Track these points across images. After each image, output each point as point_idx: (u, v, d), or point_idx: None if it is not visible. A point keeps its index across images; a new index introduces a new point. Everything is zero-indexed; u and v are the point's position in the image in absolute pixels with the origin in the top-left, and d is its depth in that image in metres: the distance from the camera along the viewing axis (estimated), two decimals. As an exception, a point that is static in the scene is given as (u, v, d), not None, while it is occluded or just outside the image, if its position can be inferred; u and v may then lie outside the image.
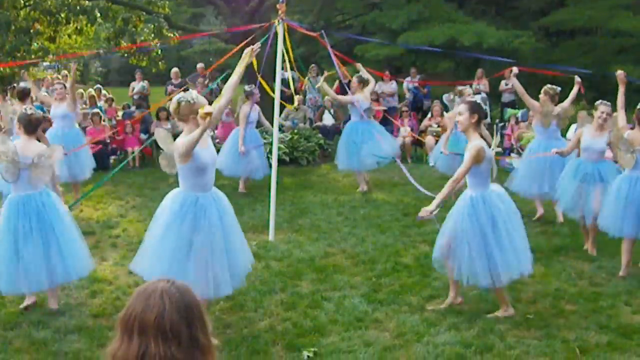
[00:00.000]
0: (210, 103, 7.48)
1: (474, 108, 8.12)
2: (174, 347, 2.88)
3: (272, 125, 12.70)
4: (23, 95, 13.53)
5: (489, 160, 8.11)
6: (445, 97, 23.09)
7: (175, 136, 15.71)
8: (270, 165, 12.41)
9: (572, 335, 7.74)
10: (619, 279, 9.59)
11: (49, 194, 8.45)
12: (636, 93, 12.41)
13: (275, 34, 11.53)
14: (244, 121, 14.83)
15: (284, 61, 11.96)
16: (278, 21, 11.39)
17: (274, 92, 11.93)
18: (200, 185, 7.70)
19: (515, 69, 12.54)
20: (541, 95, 12.65)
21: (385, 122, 18.82)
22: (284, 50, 11.68)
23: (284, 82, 15.88)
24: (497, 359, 7.17)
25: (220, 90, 21.74)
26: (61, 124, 13.95)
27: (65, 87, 14.40)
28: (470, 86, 22.64)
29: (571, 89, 12.44)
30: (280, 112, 15.85)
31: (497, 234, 8.06)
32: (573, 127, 16.33)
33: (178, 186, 7.71)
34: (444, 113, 20.46)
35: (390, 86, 23.34)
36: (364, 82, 15.16)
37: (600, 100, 10.94)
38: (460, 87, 16.22)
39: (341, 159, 15.49)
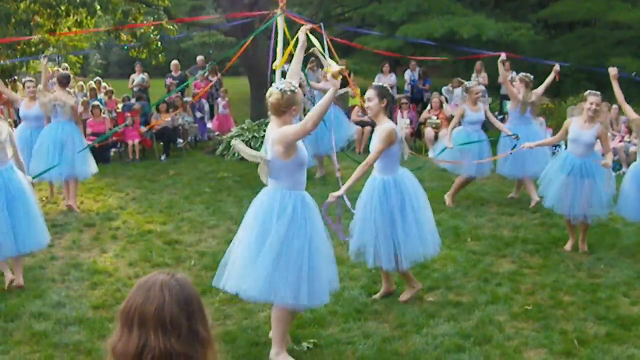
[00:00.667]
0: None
1: (383, 93, 8.14)
2: (174, 340, 2.88)
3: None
4: (66, 82, 13.56)
5: (399, 142, 8.16)
6: (444, 89, 23.11)
7: (174, 129, 15.67)
8: None
9: (570, 326, 7.77)
10: (617, 270, 9.62)
11: (13, 168, 9.01)
12: (636, 86, 12.40)
13: (276, 26, 11.54)
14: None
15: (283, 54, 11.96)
16: (279, 12, 11.41)
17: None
18: (302, 182, 7.11)
19: (503, 55, 12.70)
20: (516, 83, 13.02)
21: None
22: (282, 42, 11.68)
23: (283, 74, 15.89)
24: (495, 350, 7.19)
25: (220, 82, 21.74)
26: (32, 124, 13.45)
27: (36, 85, 13.83)
28: (470, 79, 22.78)
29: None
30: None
31: (404, 218, 8.12)
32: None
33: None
34: (444, 105, 20.51)
35: (390, 79, 23.33)
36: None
37: (589, 91, 10.61)
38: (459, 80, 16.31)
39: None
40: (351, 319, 7.98)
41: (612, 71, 10.69)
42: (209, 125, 22.23)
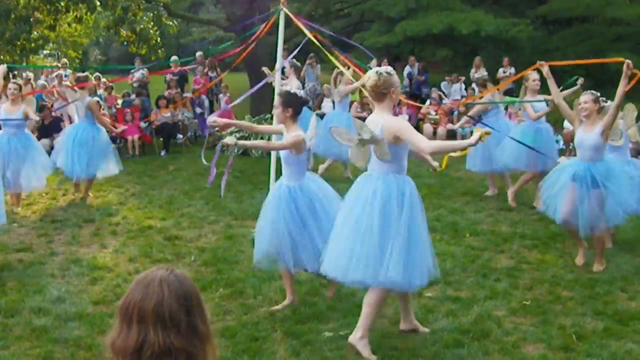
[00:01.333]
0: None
1: (287, 101, 7.93)
2: (173, 335, 2.89)
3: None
4: (83, 81, 13.76)
5: (307, 151, 8.10)
6: (443, 84, 23.14)
7: (174, 124, 15.67)
8: None
9: (568, 321, 7.78)
10: (615, 266, 9.64)
11: None
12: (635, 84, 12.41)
13: (276, 22, 11.55)
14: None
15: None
16: (281, 7, 11.41)
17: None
18: (406, 167, 7.12)
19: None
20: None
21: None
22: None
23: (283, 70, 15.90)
24: (494, 345, 7.21)
25: (221, 80, 21.74)
26: (11, 130, 12.74)
27: (20, 88, 13.09)
28: (468, 74, 22.80)
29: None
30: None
31: (318, 220, 7.95)
32: None
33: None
34: (443, 100, 20.53)
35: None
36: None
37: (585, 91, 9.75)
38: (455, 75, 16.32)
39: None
40: (350, 314, 7.98)
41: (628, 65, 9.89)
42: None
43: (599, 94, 9.52)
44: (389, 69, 7.08)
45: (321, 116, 16.58)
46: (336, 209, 7.69)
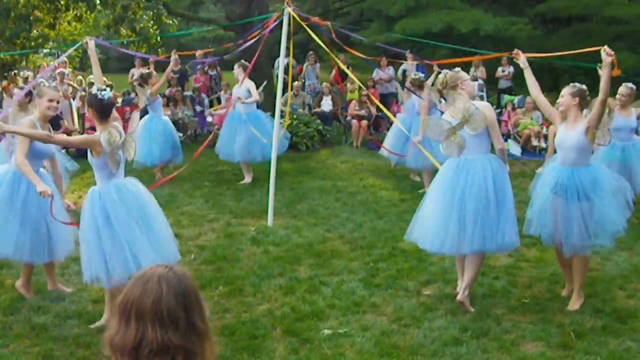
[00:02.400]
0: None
1: (89, 102, 7.66)
2: (171, 333, 2.89)
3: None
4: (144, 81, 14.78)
5: (106, 154, 7.38)
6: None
7: (174, 122, 15.67)
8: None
9: (567, 319, 7.79)
10: (614, 264, 9.65)
11: None
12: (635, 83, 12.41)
13: (281, 20, 11.57)
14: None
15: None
16: (285, 6, 11.43)
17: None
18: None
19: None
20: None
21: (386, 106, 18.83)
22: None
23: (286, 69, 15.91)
24: (493, 343, 7.23)
25: (220, 76, 21.80)
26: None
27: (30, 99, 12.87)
28: (468, 73, 22.77)
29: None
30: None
31: (113, 231, 7.42)
32: None
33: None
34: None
35: (387, 72, 23.36)
36: None
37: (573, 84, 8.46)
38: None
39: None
40: (349, 312, 8.02)
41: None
42: (209, 119, 22.25)
43: (584, 87, 8.27)
44: (456, 69, 8.32)
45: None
46: (155, 219, 7.68)
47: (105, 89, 7.43)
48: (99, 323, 7.72)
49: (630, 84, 11.94)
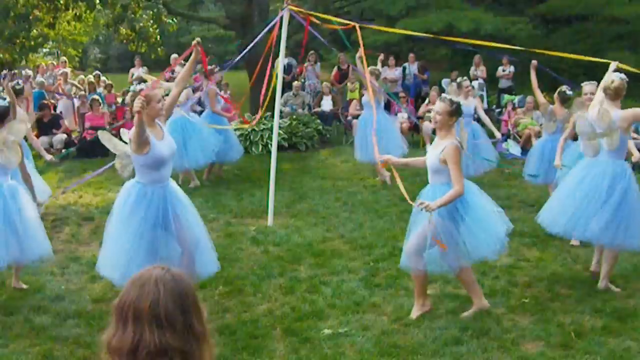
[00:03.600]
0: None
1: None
2: (169, 335, 2.87)
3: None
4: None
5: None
6: (444, 82, 23.12)
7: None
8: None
9: (567, 319, 7.79)
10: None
11: None
12: (635, 81, 12.39)
13: (281, 20, 11.58)
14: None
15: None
16: (285, 6, 11.45)
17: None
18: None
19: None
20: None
21: (386, 107, 18.82)
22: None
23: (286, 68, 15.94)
24: (493, 343, 7.22)
25: (221, 77, 21.83)
26: None
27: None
28: (468, 72, 22.79)
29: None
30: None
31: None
32: None
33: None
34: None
35: (394, 73, 23.37)
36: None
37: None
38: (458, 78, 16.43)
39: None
40: (349, 311, 8.02)
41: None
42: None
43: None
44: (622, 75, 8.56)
45: None
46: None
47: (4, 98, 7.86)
48: None
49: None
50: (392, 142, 14.44)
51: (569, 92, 11.22)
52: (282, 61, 12.01)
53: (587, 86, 10.07)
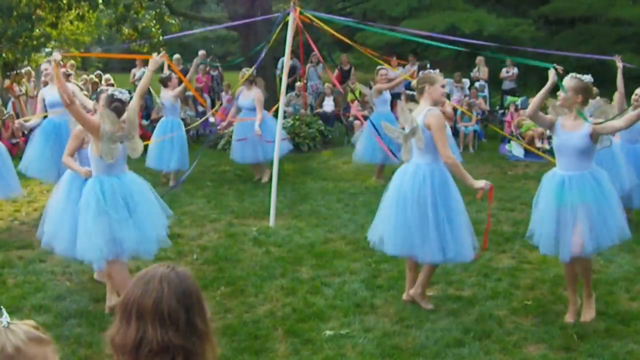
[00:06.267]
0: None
1: None
2: (172, 333, 2.89)
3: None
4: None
5: None
6: (448, 82, 23.11)
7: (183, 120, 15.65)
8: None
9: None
10: (617, 266, 9.61)
11: None
12: (635, 81, 12.38)
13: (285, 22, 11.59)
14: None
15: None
16: (292, 5, 11.46)
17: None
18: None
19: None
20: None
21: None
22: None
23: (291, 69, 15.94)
24: (495, 345, 7.21)
25: (222, 76, 21.84)
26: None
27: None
28: (470, 73, 22.77)
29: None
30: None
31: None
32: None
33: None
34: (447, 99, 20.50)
35: (396, 74, 23.33)
36: None
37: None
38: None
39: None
40: (351, 313, 8.00)
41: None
42: (211, 119, 22.24)
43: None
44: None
45: None
46: None
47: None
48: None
49: None
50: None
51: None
52: (287, 63, 11.99)
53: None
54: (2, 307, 2.65)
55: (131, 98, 7.95)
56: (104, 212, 7.64)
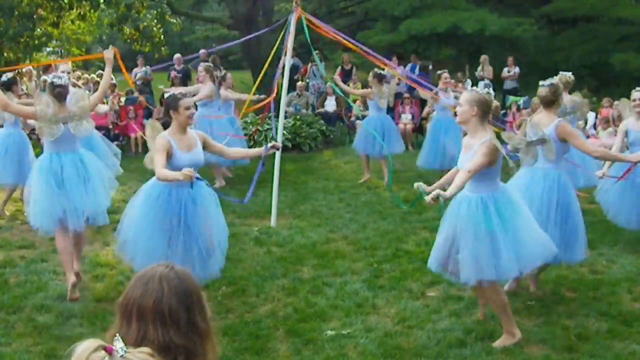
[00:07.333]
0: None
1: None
2: (173, 332, 2.89)
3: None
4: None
5: None
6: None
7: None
8: None
9: (572, 322, 7.75)
10: (619, 267, 9.60)
11: None
12: (636, 81, 12.36)
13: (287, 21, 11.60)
14: None
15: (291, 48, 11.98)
16: (295, 6, 11.47)
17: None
18: None
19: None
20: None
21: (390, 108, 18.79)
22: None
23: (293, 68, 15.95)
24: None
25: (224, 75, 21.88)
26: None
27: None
28: (473, 72, 22.74)
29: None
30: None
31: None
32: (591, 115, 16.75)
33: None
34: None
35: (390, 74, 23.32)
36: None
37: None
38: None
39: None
40: (353, 313, 7.99)
41: None
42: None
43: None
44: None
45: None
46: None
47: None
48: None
49: None
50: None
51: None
52: (288, 62, 11.98)
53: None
54: (118, 335, 2.64)
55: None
56: (49, 184, 8.43)
